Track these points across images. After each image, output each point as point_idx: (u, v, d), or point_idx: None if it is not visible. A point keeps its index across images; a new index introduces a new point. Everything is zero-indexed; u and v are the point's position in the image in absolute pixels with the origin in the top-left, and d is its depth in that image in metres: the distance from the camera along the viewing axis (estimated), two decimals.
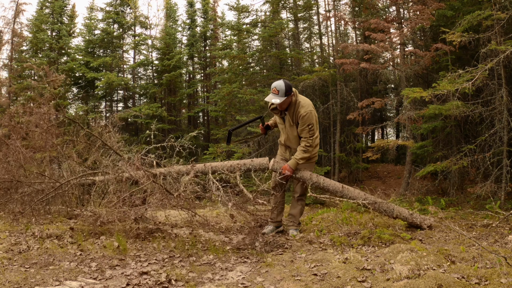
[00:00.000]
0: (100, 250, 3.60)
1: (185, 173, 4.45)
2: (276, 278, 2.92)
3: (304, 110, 3.92)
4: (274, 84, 3.95)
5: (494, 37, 6.88)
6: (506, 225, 4.60)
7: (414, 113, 8.62)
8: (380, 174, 13.60)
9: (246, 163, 4.33)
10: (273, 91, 3.91)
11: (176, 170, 4.47)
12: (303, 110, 3.92)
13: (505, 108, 6.80)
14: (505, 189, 6.62)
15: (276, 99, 3.88)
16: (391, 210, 4.17)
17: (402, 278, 2.69)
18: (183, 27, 19.32)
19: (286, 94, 3.89)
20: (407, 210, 4.38)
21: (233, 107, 13.68)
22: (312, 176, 4.12)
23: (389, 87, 16.03)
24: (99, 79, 15.38)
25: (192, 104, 18.44)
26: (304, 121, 3.94)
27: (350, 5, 14.17)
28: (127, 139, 14.80)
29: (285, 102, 3.93)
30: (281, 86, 3.88)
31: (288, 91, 3.89)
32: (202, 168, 4.45)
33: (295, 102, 3.98)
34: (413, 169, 9.56)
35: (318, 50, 15.70)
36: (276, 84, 3.92)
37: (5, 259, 3.23)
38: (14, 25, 18.76)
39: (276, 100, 3.88)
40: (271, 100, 3.91)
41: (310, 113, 3.92)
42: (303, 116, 3.92)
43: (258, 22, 14.09)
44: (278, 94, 3.88)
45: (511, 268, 2.72)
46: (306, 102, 3.99)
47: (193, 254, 3.55)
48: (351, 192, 4.12)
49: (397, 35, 9.74)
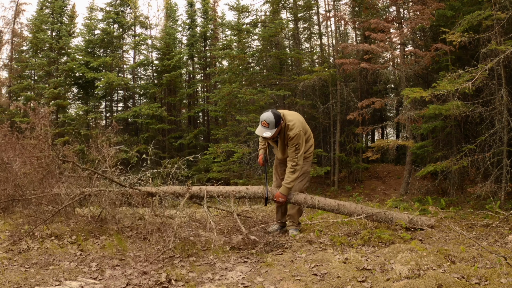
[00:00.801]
0: (100, 250, 3.60)
1: (180, 194, 4.54)
2: (276, 278, 2.92)
3: (293, 132, 4.04)
4: (263, 117, 4.02)
5: (494, 37, 6.88)
6: (506, 225, 4.60)
7: (414, 113, 8.62)
8: (380, 174, 13.59)
9: (241, 191, 4.41)
10: (263, 124, 4.00)
11: (171, 190, 4.54)
12: (292, 133, 4.05)
13: (505, 108, 6.80)
14: (505, 189, 6.62)
15: (268, 132, 3.98)
16: (390, 219, 4.20)
17: (402, 278, 2.69)
18: (183, 27, 19.32)
19: (276, 125, 3.99)
20: (407, 216, 4.37)
21: (233, 107, 13.67)
22: (306, 199, 4.22)
23: (389, 87, 16.03)
24: (99, 79, 15.37)
25: (192, 104, 18.43)
26: (292, 142, 4.07)
27: (350, 5, 14.16)
28: (127, 139, 14.84)
29: (276, 132, 4.04)
30: (271, 119, 3.96)
31: (277, 122, 3.99)
32: (197, 192, 4.54)
33: (284, 126, 4.11)
34: (413, 169, 9.56)
35: (318, 50, 15.69)
36: (265, 117, 3.99)
37: (5, 259, 3.23)
38: (14, 25, 18.77)
39: (268, 133, 3.98)
40: (262, 134, 4.01)
41: (297, 134, 4.05)
42: (292, 137, 4.06)
43: (258, 22, 14.08)
44: (269, 127, 3.98)
45: (511, 268, 2.72)
46: (294, 123, 4.08)
47: (193, 254, 3.55)
48: (347, 208, 4.21)
49: (397, 35, 9.74)
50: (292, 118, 4.14)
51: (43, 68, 16.44)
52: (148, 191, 4.38)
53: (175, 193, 4.56)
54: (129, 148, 14.25)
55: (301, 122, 4.19)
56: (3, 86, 18.98)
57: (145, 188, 4.42)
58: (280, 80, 12.92)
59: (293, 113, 4.31)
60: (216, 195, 4.50)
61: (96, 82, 15.98)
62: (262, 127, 4.02)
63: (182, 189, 4.56)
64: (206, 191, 4.47)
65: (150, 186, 4.55)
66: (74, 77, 16.61)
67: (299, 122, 4.13)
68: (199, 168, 13.71)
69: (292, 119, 4.13)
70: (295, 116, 4.22)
